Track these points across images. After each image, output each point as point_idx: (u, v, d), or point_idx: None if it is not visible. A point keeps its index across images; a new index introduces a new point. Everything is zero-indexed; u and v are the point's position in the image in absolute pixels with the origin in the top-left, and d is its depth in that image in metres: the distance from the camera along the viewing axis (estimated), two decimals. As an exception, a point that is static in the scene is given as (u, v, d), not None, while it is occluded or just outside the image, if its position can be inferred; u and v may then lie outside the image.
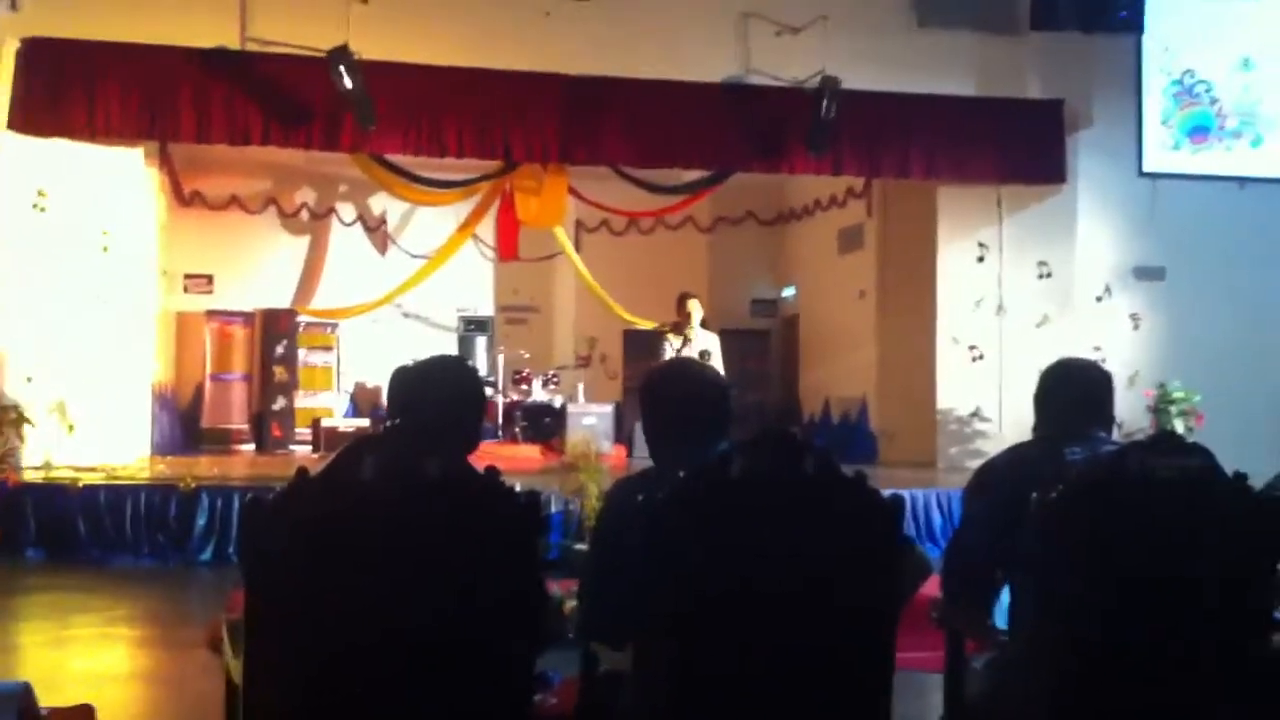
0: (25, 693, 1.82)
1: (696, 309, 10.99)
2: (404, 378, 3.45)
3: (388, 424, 2.58)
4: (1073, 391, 3.51)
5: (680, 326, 11.02)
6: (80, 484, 9.80)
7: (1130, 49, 13.09)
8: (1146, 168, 13.10)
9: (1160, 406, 12.18)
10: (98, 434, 11.23)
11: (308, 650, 2.48)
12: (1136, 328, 13.01)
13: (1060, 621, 2.88)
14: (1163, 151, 13.18)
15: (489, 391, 15.14)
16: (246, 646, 2.44)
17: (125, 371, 12.00)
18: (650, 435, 3.27)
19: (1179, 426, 11.60)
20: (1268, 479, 4.20)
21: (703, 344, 10.75)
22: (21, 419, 9.80)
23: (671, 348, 10.67)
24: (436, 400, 3.27)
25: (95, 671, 6.30)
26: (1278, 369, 12.78)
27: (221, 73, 11.17)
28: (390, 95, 11.34)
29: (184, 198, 15.41)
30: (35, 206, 11.12)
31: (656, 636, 2.65)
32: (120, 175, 11.86)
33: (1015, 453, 3.48)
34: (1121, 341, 12.85)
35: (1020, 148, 12.71)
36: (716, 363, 10.48)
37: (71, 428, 11.13)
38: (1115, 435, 3.62)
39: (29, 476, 9.92)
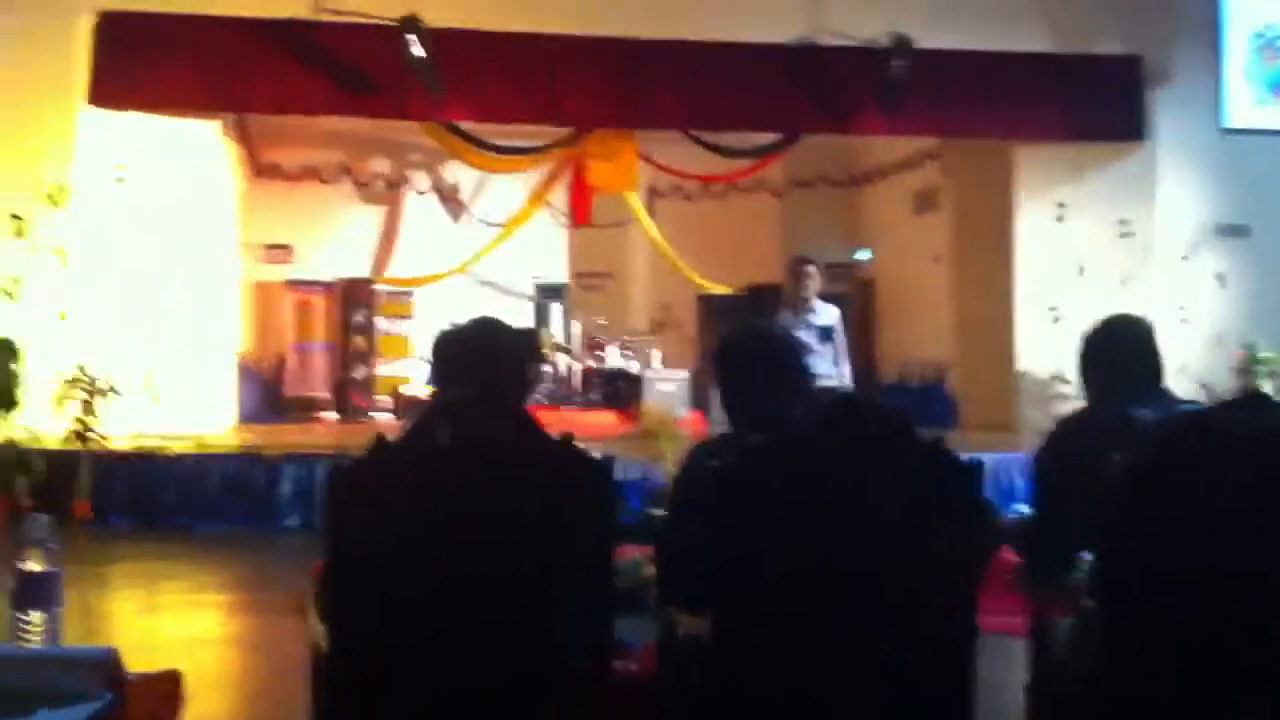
0: (112, 658, 1.85)
1: (814, 277, 8.97)
2: (456, 343, 3.36)
3: (458, 391, 2.56)
4: (1127, 352, 3.44)
5: (794, 299, 9.01)
6: (168, 453, 9.99)
7: (1211, 1, 12.76)
8: (1228, 123, 12.74)
9: (1248, 368, 11.92)
10: (184, 404, 11.42)
11: (389, 615, 2.51)
12: (1222, 287, 12.71)
13: (1143, 584, 2.83)
14: (1245, 106, 12.81)
15: (565, 358, 15.21)
16: (329, 612, 2.48)
17: (210, 342, 12.20)
18: (725, 400, 3.26)
19: (1267, 388, 11.36)
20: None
21: (824, 319, 8.79)
22: (110, 390, 9.98)
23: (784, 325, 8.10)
24: (494, 363, 3.22)
25: (183, 637, 6.43)
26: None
27: (294, 44, 11.25)
28: (458, 62, 11.36)
29: (260, 169, 15.57)
30: (116, 180, 11.30)
31: (733, 602, 2.65)
32: (198, 148, 12.03)
33: (1085, 416, 3.41)
34: (1206, 301, 12.57)
35: (1097, 105, 12.41)
36: (840, 343, 8.88)
37: (157, 398, 11.35)
38: (1202, 396, 3.58)
39: (117, 447, 10.12)
